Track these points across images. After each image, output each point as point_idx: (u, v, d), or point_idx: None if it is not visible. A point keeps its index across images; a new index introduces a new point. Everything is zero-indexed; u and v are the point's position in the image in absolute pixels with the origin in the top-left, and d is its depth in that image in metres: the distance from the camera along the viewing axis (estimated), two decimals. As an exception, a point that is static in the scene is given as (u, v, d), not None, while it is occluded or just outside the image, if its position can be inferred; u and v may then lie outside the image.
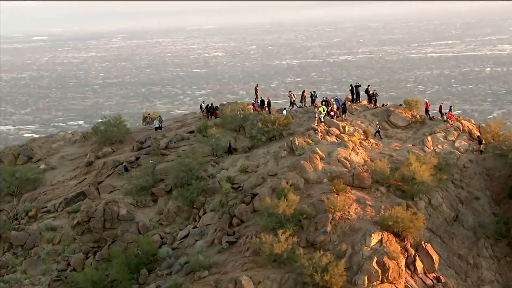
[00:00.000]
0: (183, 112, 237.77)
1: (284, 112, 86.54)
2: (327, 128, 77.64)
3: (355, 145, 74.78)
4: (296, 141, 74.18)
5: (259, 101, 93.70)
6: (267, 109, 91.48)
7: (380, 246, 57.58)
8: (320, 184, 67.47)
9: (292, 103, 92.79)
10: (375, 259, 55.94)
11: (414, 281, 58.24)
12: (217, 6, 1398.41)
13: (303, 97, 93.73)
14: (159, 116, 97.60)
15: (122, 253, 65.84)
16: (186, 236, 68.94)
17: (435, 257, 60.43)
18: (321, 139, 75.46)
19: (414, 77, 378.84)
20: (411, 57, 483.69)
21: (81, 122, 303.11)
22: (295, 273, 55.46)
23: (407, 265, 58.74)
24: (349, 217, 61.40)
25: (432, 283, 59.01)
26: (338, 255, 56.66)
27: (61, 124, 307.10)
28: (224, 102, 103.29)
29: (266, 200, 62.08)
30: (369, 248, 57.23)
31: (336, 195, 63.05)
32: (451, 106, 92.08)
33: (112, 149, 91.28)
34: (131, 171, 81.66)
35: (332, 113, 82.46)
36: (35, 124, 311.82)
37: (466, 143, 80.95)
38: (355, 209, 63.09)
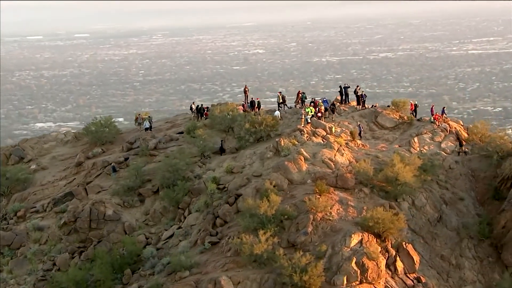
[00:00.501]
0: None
1: (277, 113, 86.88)
2: (314, 129, 77.96)
3: (340, 146, 75.15)
4: (282, 142, 74.61)
5: (249, 102, 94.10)
6: (257, 110, 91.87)
7: (360, 247, 58.02)
8: (304, 185, 67.90)
9: (280, 104, 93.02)
10: (354, 259, 56.40)
11: (395, 282, 58.69)
12: (258, 3, 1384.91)
13: (298, 97, 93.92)
14: (149, 116, 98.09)
15: (106, 253, 66.26)
16: (171, 236, 69.41)
17: (416, 257, 60.87)
18: (307, 140, 75.85)
19: (454, 74, 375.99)
20: (452, 54, 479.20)
21: (121, 119, 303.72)
22: (275, 274, 55.90)
23: (387, 266, 59.17)
24: (331, 218, 61.82)
25: (412, 283, 59.44)
26: (318, 255, 57.10)
27: (101, 122, 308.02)
28: (215, 103, 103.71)
29: (247, 201, 62.59)
30: (349, 249, 57.66)
31: (319, 196, 63.47)
32: (444, 108, 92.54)
33: (102, 149, 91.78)
34: (119, 171, 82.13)
35: (319, 114, 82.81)
36: (75, 121, 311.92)
37: (453, 144, 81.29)
38: (337, 210, 63.52)
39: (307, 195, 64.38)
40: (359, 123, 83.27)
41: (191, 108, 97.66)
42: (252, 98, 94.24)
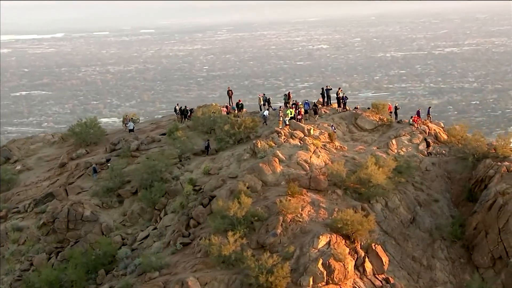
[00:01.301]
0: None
1: (266, 112, 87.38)
2: (291, 131, 78.64)
3: (317, 148, 75.80)
4: (259, 144, 75.33)
5: (232, 104, 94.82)
6: (243, 111, 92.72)
7: (327, 248, 58.76)
8: (278, 187, 68.63)
9: (261, 106, 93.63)
10: (321, 261, 57.15)
11: (363, 282, 59.43)
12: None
13: (289, 99, 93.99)
14: (132, 118, 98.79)
15: (80, 254, 66.99)
16: (146, 237, 70.13)
17: (385, 258, 61.62)
18: (284, 142, 76.56)
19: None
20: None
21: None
22: (243, 275, 56.64)
23: (356, 267, 59.90)
24: (301, 220, 62.58)
25: (381, 284, 60.16)
26: (286, 256, 57.88)
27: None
28: (201, 104, 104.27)
29: (218, 203, 63.34)
30: (317, 250, 58.42)
31: (290, 198, 64.22)
32: (429, 108, 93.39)
33: (86, 150, 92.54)
34: (100, 172, 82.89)
35: (299, 117, 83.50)
36: (140, 116, 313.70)
37: (431, 146, 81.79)
38: (309, 211, 64.27)
39: (279, 196, 65.14)
40: (332, 124, 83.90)
41: (175, 110, 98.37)
42: (240, 100, 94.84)
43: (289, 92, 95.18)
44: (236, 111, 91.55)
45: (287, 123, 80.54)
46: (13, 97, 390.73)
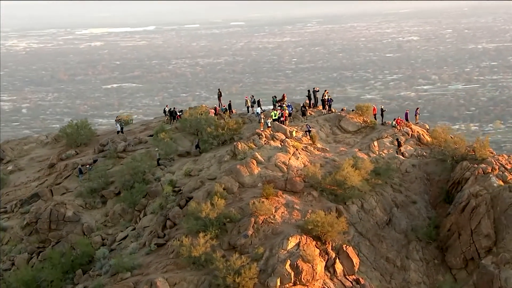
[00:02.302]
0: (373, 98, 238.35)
1: (259, 109, 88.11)
2: (273, 133, 79.53)
3: (296, 150, 76.68)
4: (239, 146, 76.30)
5: (221, 106, 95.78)
6: (233, 112, 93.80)
7: (296, 250, 59.64)
8: (254, 188, 69.58)
9: (249, 107, 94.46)
10: (289, 262, 58.05)
11: (333, 283, 60.28)
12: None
13: (283, 100, 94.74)
14: (120, 119, 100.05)
15: (58, 254, 68.21)
16: (125, 237, 71.28)
17: (356, 260, 62.43)
18: (265, 144, 77.39)
19: None
20: None
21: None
22: (212, 276, 57.65)
23: (327, 268, 60.81)
24: (273, 221, 63.52)
25: (351, 284, 60.92)
26: (255, 258, 58.90)
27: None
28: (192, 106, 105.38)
29: (191, 204, 64.46)
30: (286, 251, 59.32)
31: (264, 199, 65.24)
32: (417, 108, 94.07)
33: (76, 151, 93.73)
34: (86, 173, 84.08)
35: (282, 119, 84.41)
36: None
37: (412, 148, 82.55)
38: (282, 213, 65.22)
39: (254, 198, 66.09)
40: (306, 123, 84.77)
41: (164, 111, 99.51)
42: (230, 101, 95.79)
43: (283, 94, 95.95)
44: (226, 113, 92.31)
45: (269, 125, 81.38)
46: (104, 90, 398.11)
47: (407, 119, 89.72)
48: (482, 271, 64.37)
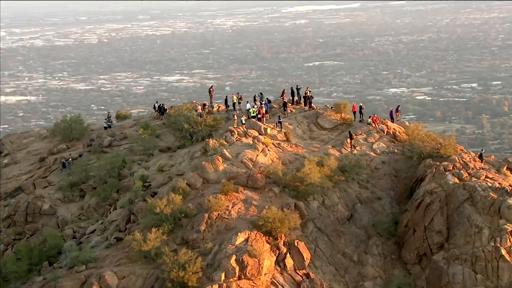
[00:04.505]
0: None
1: (248, 105, 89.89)
2: (246, 130, 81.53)
3: (266, 146, 78.69)
4: (210, 142, 78.55)
5: (211, 102, 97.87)
6: (221, 108, 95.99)
7: (244, 245, 61.98)
8: (218, 184, 71.78)
9: (234, 104, 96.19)
10: (234, 257, 60.46)
11: (283, 278, 62.63)
12: None
13: (283, 96, 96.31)
14: (110, 117, 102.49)
15: (26, 246, 71.18)
16: (94, 231, 73.98)
17: (306, 255, 64.70)
18: (236, 140, 79.47)
19: None
20: None
21: (474, 85, 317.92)
22: (160, 270, 60.22)
23: (277, 262, 63.20)
24: (228, 217, 65.92)
25: (301, 279, 63.15)
26: (204, 252, 61.46)
27: (454, 86, 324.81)
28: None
29: (148, 200, 67.07)
30: (234, 246, 61.76)
31: (223, 195, 67.66)
32: (398, 106, 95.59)
33: (67, 145, 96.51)
34: (68, 167, 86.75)
35: (259, 116, 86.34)
36: (428, 86, 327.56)
37: (385, 145, 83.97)
38: (239, 209, 67.57)
39: (214, 194, 68.44)
40: (278, 114, 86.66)
41: (154, 107, 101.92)
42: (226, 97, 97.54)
43: (283, 90, 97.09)
44: (213, 109, 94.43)
45: (243, 122, 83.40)
46: (306, 67, 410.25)
47: (391, 117, 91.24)
48: (433, 267, 66.37)
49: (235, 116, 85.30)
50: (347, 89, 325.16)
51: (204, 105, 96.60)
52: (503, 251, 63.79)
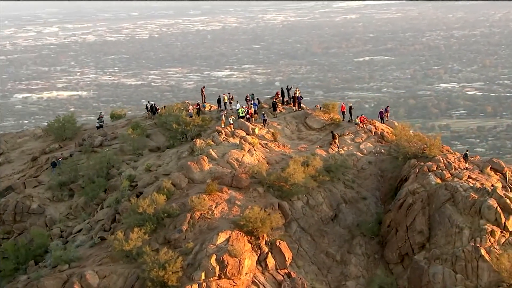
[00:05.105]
0: None
1: (238, 105, 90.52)
2: (233, 130, 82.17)
3: (253, 146, 79.32)
4: (197, 142, 79.23)
5: (203, 102, 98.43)
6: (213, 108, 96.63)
7: (225, 244, 62.67)
8: (202, 184, 72.48)
9: (225, 104, 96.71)
10: (215, 256, 61.19)
11: (264, 277, 63.39)
12: None
13: (277, 96, 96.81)
14: (102, 117, 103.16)
15: (12, 245, 71.98)
16: (80, 230, 74.74)
17: (288, 254, 65.43)
18: (223, 140, 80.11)
19: None
20: None
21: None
22: (141, 269, 60.99)
23: (259, 262, 63.97)
24: (210, 217, 66.67)
25: (282, 278, 63.86)
26: (185, 252, 62.21)
27: (505, 81, 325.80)
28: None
29: (132, 200, 67.84)
30: (215, 246, 62.49)
31: (206, 195, 68.42)
32: (387, 107, 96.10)
33: (60, 145, 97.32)
34: (58, 167, 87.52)
35: (248, 116, 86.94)
36: (479, 81, 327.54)
37: (372, 145, 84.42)
38: (222, 208, 68.33)
39: (198, 194, 69.16)
40: (263, 112, 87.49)
41: (146, 107, 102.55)
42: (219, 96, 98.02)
43: (277, 92, 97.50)
44: (207, 109, 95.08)
45: (231, 122, 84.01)
46: (356, 63, 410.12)
47: (381, 118, 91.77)
48: (414, 266, 67.03)
49: (223, 116, 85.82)
50: (397, 84, 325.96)
51: (198, 104, 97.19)
52: (483, 251, 64.33)
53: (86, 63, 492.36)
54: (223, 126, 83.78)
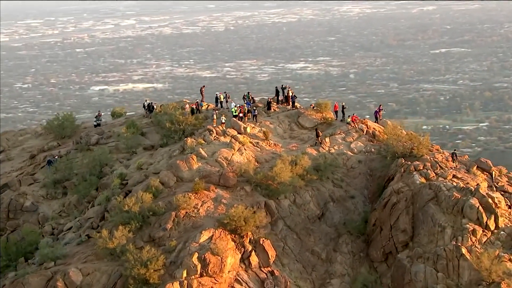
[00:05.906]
0: None
1: (233, 104, 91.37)
2: (224, 129, 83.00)
3: (243, 145, 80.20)
4: (188, 141, 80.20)
5: (202, 101, 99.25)
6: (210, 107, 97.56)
7: (208, 243, 63.66)
8: (190, 183, 73.36)
9: (221, 103, 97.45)
10: (197, 254, 62.19)
11: (247, 275, 64.37)
12: None
13: (277, 94, 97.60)
14: (98, 112, 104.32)
15: (3, 242, 73.24)
16: (71, 228, 75.87)
17: (271, 252, 66.36)
18: (214, 139, 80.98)
19: None
20: None
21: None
22: (124, 267, 62.06)
23: (242, 260, 64.95)
24: (195, 215, 67.65)
25: (265, 276, 64.79)
26: (168, 250, 63.29)
27: None
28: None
29: (117, 198, 68.93)
30: (197, 244, 63.51)
31: (194, 194, 69.48)
32: (380, 105, 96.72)
33: (58, 143, 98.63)
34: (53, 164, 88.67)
35: (241, 115, 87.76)
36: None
37: (362, 145, 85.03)
38: (208, 207, 69.30)
39: (185, 192, 70.17)
40: (254, 108, 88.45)
41: (143, 106, 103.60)
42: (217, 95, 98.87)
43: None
44: (204, 107, 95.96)
45: (223, 121, 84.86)
46: (432, 54, 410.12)
47: (375, 116, 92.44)
48: (398, 265, 67.83)
49: (214, 115, 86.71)
50: (474, 76, 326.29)
51: (197, 103, 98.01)
52: (464, 250, 64.98)
53: (162, 55, 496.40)
54: (214, 125, 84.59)
